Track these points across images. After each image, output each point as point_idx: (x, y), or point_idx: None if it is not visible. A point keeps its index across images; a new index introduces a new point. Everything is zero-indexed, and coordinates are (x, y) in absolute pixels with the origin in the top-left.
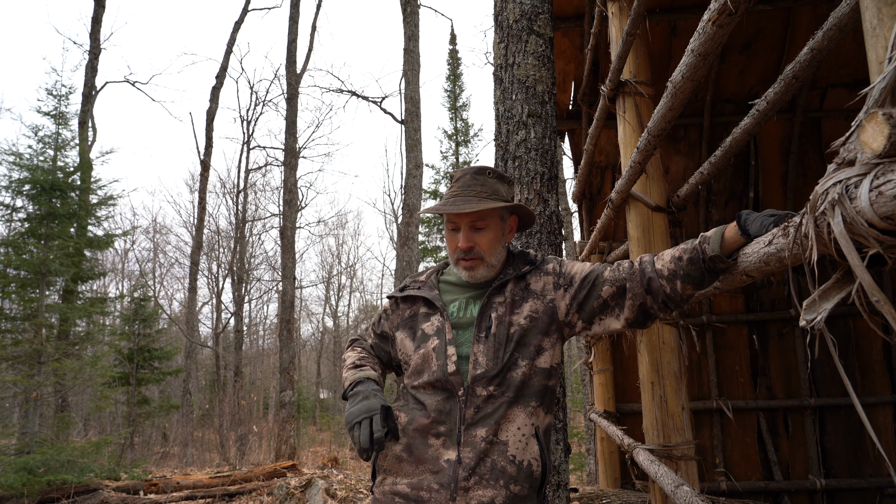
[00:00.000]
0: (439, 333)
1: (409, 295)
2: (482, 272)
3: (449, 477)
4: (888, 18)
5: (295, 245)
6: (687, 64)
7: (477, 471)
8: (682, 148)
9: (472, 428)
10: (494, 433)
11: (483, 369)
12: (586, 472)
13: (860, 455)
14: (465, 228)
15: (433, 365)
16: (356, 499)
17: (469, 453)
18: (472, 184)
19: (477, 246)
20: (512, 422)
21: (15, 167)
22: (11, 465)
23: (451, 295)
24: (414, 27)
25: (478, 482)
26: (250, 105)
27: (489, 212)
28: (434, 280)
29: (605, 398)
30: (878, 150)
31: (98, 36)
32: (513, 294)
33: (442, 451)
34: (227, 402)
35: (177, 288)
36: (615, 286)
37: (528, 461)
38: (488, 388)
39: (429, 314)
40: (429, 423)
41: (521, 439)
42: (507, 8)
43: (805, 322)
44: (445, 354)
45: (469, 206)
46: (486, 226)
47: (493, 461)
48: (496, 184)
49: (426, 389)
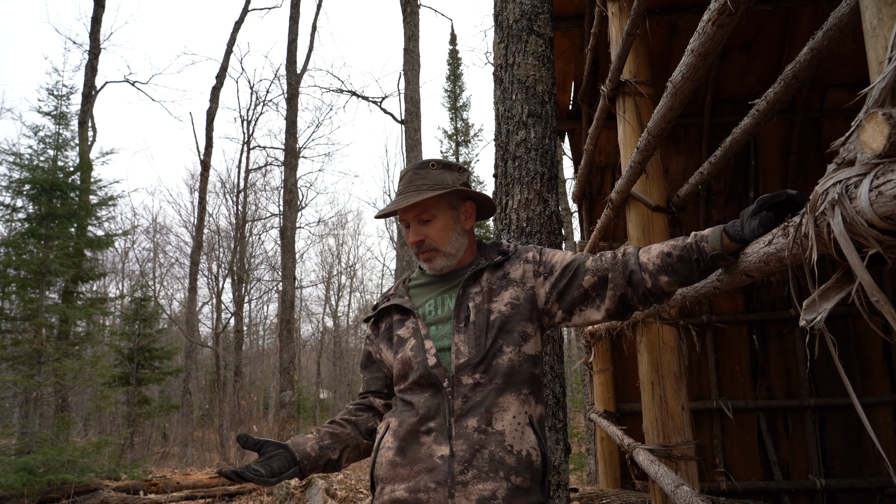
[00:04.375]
0: (415, 334)
1: (381, 309)
2: (441, 262)
3: (444, 473)
4: (888, 18)
5: (295, 245)
6: (687, 64)
7: (474, 463)
8: (682, 148)
9: (463, 419)
10: (488, 422)
11: (466, 357)
12: (586, 472)
13: (860, 455)
14: (413, 223)
15: (414, 364)
16: (356, 499)
17: (462, 445)
18: (414, 179)
19: (427, 238)
20: (506, 410)
21: (15, 167)
22: (11, 465)
23: (424, 296)
24: (414, 27)
25: (477, 475)
26: (250, 105)
27: (433, 201)
28: (403, 288)
29: (605, 398)
30: (877, 150)
31: (98, 36)
32: (490, 283)
33: (434, 448)
34: (227, 402)
35: (177, 288)
36: (596, 276)
37: (526, 451)
38: (474, 375)
39: (402, 319)
40: (417, 421)
41: (517, 428)
42: (507, 8)
43: (805, 322)
44: (424, 350)
45: (407, 200)
46: (432, 216)
47: (491, 452)
48: (441, 174)
49: (412, 390)
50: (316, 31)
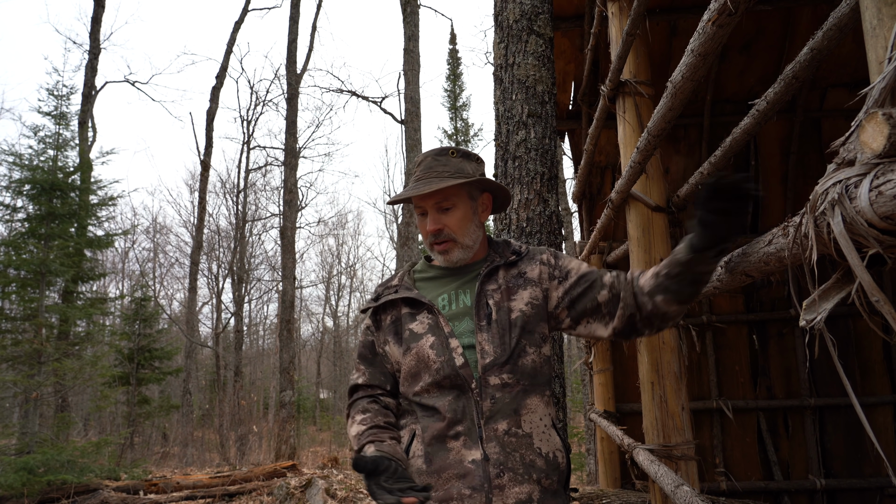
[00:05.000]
0: (433, 330)
1: (387, 301)
2: (457, 254)
3: (480, 478)
4: (888, 18)
5: (295, 245)
6: (687, 64)
7: (509, 466)
8: (682, 148)
9: (492, 421)
10: (517, 425)
11: (492, 357)
12: (586, 472)
13: (860, 455)
14: (431, 211)
15: (434, 363)
16: (356, 499)
17: (495, 448)
18: (434, 165)
19: (446, 227)
20: (533, 412)
21: (15, 167)
22: (11, 465)
23: (435, 289)
24: (414, 27)
25: (512, 478)
26: (250, 105)
27: (455, 190)
28: (409, 280)
29: (605, 398)
30: (877, 150)
31: (98, 36)
32: (507, 281)
33: (465, 453)
34: (227, 402)
35: (177, 288)
36: (612, 293)
37: (553, 453)
38: (501, 375)
39: (414, 314)
40: (445, 426)
41: (544, 430)
42: (507, 8)
43: (805, 322)
44: (449, 348)
45: (430, 186)
46: (452, 205)
47: (522, 455)
48: (461, 163)
49: (432, 392)
50: (316, 31)
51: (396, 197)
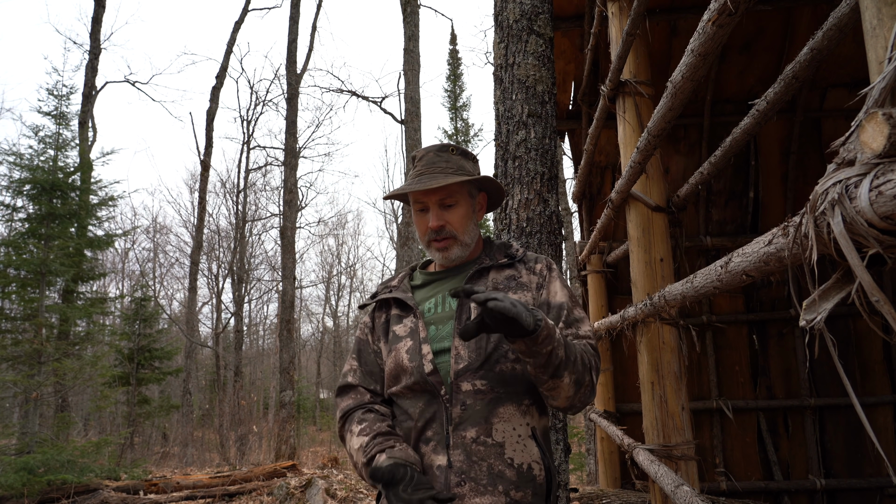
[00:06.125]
0: (412, 334)
1: (383, 299)
2: (456, 252)
3: (441, 485)
4: (888, 18)
5: (295, 245)
6: (687, 64)
7: (471, 475)
8: (682, 148)
9: (461, 428)
10: (487, 433)
11: (466, 363)
12: (586, 472)
13: (860, 455)
14: (433, 207)
15: (407, 367)
16: (356, 499)
17: (459, 456)
18: (437, 161)
19: (448, 224)
20: (507, 421)
21: (15, 167)
22: (11, 465)
23: (426, 293)
24: (414, 27)
25: (474, 488)
26: (250, 105)
27: (458, 187)
28: (407, 283)
29: (605, 398)
30: (877, 150)
31: (98, 36)
32: (496, 283)
33: (433, 458)
34: (227, 402)
35: (177, 288)
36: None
37: (527, 464)
38: (474, 382)
39: (401, 316)
40: (417, 431)
41: (517, 440)
42: (507, 8)
43: (805, 322)
44: (420, 354)
45: (436, 181)
46: (455, 202)
47: (490, 465)
48: (461, 160)
49: (406, 395)
50: (316, 31)
51: (398, 190)
